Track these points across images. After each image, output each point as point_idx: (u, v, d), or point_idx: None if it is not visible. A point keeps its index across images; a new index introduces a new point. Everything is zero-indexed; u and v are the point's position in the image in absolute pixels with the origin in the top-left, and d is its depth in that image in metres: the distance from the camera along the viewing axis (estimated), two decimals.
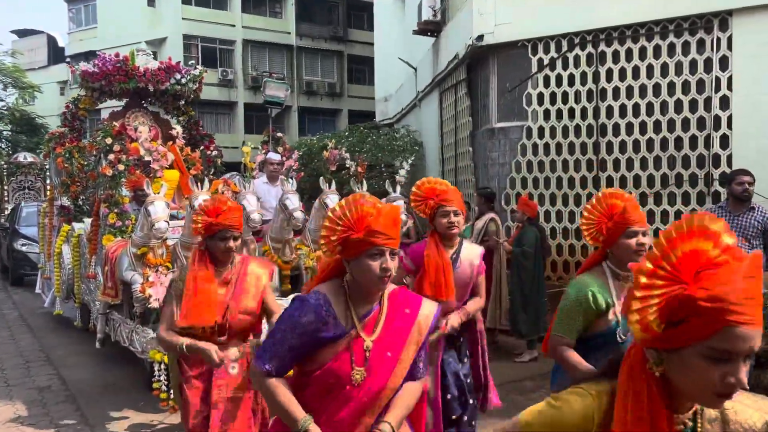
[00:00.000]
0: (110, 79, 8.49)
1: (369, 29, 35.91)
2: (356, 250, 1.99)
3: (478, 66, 10.06)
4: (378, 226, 1.97)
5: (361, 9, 36.07)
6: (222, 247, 3.02)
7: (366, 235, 1.96)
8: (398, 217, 2.04)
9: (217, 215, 3.00)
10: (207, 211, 3.02)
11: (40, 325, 9.18)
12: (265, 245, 5.78)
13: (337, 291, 2.09)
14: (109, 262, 5.54)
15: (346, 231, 1.99)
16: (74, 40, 36.91)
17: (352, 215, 2.00)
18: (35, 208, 14.38)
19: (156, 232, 4.93)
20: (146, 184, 5.15)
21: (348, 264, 2.07)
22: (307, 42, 34.54)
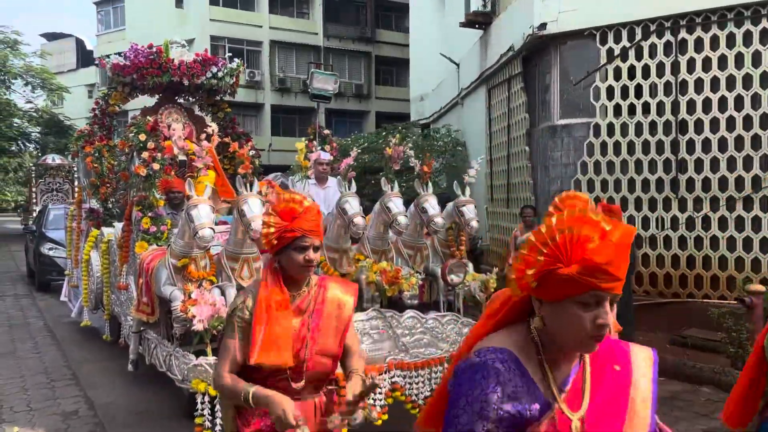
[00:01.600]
0: (143, 72, 7.87)
1: (397, 30, 35.52)
2: (562, 291, 1.33)
3: (536, 58, 9.27)
4: (602, 258, 1.27)
5: (389, 9, 35.67)
6: (300, 261, 2.25)
7: (582, 271, 1.28)
8: (627, 246, 1.31)
9: (292, 218, 2.24)
10: (280, 213, 2.27)
11: (66, 336, 8.57)
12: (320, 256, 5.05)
13: (524, 346, 1.42)
14: (145, 275, 4.86)
15: (553, 262, 1.31)
16: (103, 42, 37.11)
17: (565, 240, 1.30)
18: (62, 210, 13.93)
19: (200, 240, 4.23)
20: (188, 185, 4.45)
21: (541, 306, 1.38)
22: (335, 43, 34.12)
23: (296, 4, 34.23)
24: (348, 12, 34.69)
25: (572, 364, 1.43)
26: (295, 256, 2.23)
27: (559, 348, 1.40)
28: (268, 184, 6.53)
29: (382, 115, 34.07)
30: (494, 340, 1.41)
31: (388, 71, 36.23)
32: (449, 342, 4.77)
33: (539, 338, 1.40)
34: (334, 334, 2.36)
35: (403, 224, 4.91)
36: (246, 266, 4.63)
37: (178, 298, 4.27)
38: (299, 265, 2.25)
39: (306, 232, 2.23)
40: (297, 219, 2.23)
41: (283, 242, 2.24)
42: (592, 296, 1.29)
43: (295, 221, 2.23)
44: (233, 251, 4.64)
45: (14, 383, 6.35)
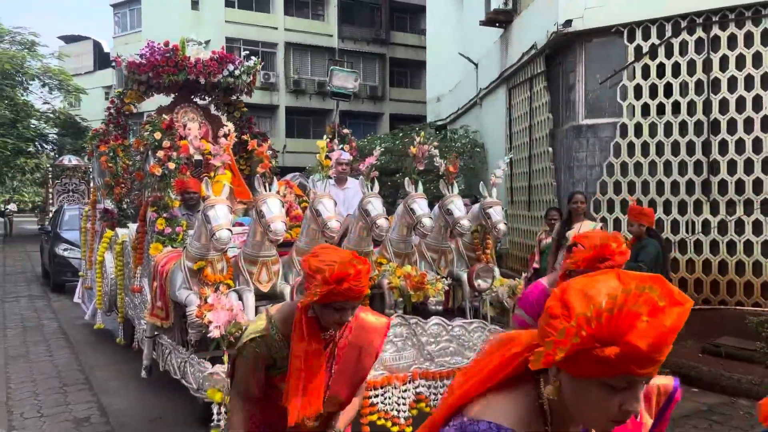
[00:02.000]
0: (158, 70, 7.72)
1: (412, 31, 35.44)
2: (592, 371, 1.09)
3: (559, 56, 9.02)
4: (648, 343, 1.03)
5: (403, 11, 35.66)
6: (336, 319, 2.08)
7: (621, 356, 1.04)
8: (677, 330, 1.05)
9: (341, 281, 2.01)
10: (330, 276, 2.02)
11: (79, 338, 8.43)
12: None
13: (529, 418, 1.17)
14: (159, 278, 4.68)
15: (591, 341, 1.05)
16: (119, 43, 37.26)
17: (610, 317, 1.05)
18: (77, 211, 13.88)
19: (217, 242, 4.04)
20: (205, 184, 4.27)
21: (559, 373, 1.15)
22: (349, 44, 34.10)
23: (311, 5, 34.26)
24: (362, 14, 34.67)
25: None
26: (332, 314, 2.06)
27: (570, 421, 1.17)
28: (286, 184, 6.36)
29: (396, 117, 34.02)
30: (493, 409, 1.16)
31: (403, 73, 36.21)
32: (476, 350, 4.54)
33: (549, 411, 1.16)
34: (349, 383, 2.22)
35: (427, 226, 4.70)
36: (264, 269, 4.44)
37: (194, 302, 4.09)
38: (333, 321, 2.09)
39: (349, 297, 2.03)
40: (346, 283, 2.00)
41: (325, 300, 2.04)
42: (624, 380, 1.08)
43: (343, 285, 2.00)
44: (251, 254, 4.45)
45: (25, 388, 6.21)
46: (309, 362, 2.06)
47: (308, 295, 2.05)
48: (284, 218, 4.21)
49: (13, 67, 23.53)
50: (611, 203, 7.97)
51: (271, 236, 4.13)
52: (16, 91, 24.56)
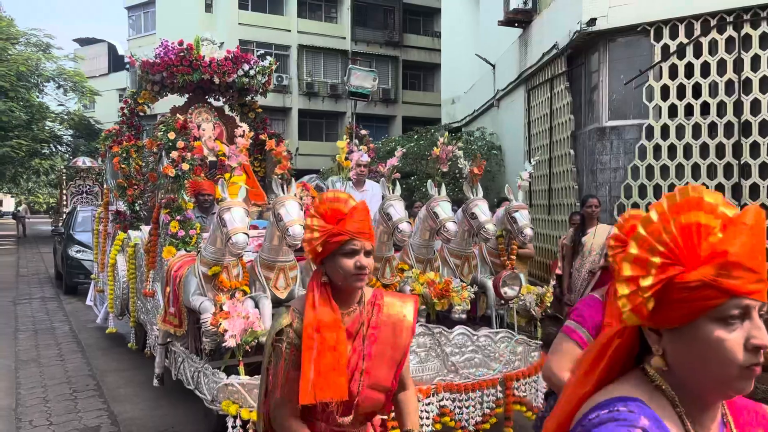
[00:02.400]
0: (172, 69, 7.59)
1: (425, 34, 35.34)
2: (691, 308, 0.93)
3: (582, 56, 8.78)
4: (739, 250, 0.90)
5: (416, 13, 35.58)
6: (350, 268, 1.87)
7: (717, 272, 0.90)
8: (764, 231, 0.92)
9: (338, 220, 1.88)
10: (323, 215, 1.89)
11: (91, 343, 8.29)
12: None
13: (651, 397, 0.99)
14: (172, 283, 4.50)
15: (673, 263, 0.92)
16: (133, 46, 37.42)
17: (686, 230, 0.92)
18: (90, 212, 13.80)
19: (233, 246, 3.85)
20: (221, 186, 4.08)
21: (660, 339, 0.99)
22: (362, 47, 34.06)
23: (324, 8, 34.25)
24: (376, 16, 34.61)
25: (716, 421, 1.00)
26: (344, 262, 1.86)
27: (695, 396, 0.97)
28: (303, 186, 6.17)
29: (408, 120, 33.90)
30: (616, 389, 0.99)
31: (416, 76, 36.14)
32: (502, 362, 4.33)
33: (672, 390, 0.97)
34: (390, 365, 1.96)
35: (452, 231, 4.49)
36: (282, 275, 4.25)
37: (209, 309, 3.90)
38: (349, 273, 1.86)
39: (355, 235, 1.86)
40: (343, 221, 1.87)
41: (330, 248, 1.87)
42: (734, 306, 0.90)
43: (341, 223, 1.87)
44: (268, 259, 4.26)
45: (35, 393, 6.06)
46: (323, 335, 1.83)
47: (311, 252, 1.90)
48: (303, 221, 4.01)
49: (28, 69, 23.60)
50: (636, 208, 7.71)
51: (289, 240, 3.94)
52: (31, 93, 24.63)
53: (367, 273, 1.93)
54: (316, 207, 1.94)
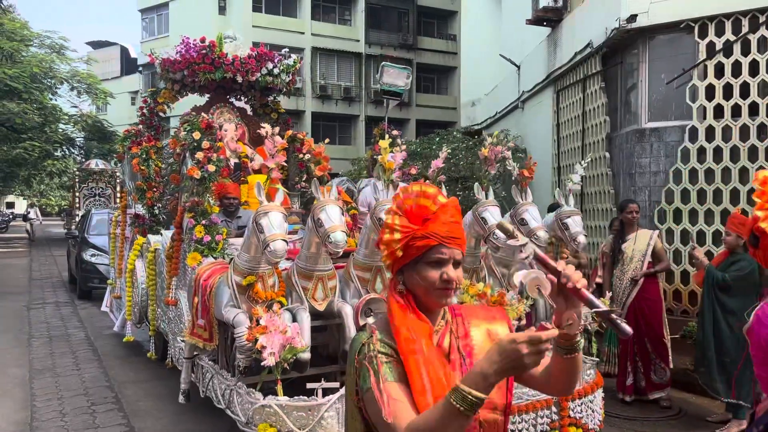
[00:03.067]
0: (194, 68, 7.30)
1: (439, 37, 35.13)
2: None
3: (618, 56, 8.42)
4: None
5: (431, 16, 35.47)
6: (436, 280, 1.54)
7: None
8: None
9: (424, 220, 1.55)
10: (407, 212, 1.57)
11: (107, 351, 8.00)
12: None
13: None
14: (201, 293, 4.18)
15: None
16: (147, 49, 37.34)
17: None
18: (106, 215, 13.57)
19: (271, 254, 3.52)
20: (258, 189, 3.75)
21: None
22: (376, 50, 33.92)
23: (338, 11, 34.15)
24: (390, 19, 34.48)
25: None
26: (428, 273, 1.53)
27: None
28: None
29: (422, 123, 33.69)
30: None
31: (430, 79, 36.02)
32: None
33: None
34: None
35: (502, 238, 4.15)
36: (320, 285, 3.92)
37: (243, 323, 3.58)
38: (434, 286, 1.53)
39: (444, 240, 1.53)
40: (431, 221, 1.54)
41: (412, 254, 1.54)
42: None
43: (428, 224, 1.54)
44: (305, 267, 3.94)
45: (51, 406, 5.76)
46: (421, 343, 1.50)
47: (390, 256, 1.57)
48: (345, 228, 3.70)
49: (41, 71, 23.48)
50: (678, 213, 7.34)
51: (331, 248, 3.61)
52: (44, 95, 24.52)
53: (454, 288, 1.60)
54: (401, 202, 1.60)
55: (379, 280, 4.05)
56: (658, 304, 5.43)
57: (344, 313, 3.87)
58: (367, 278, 4.06)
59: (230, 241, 5.38)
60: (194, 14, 31.90)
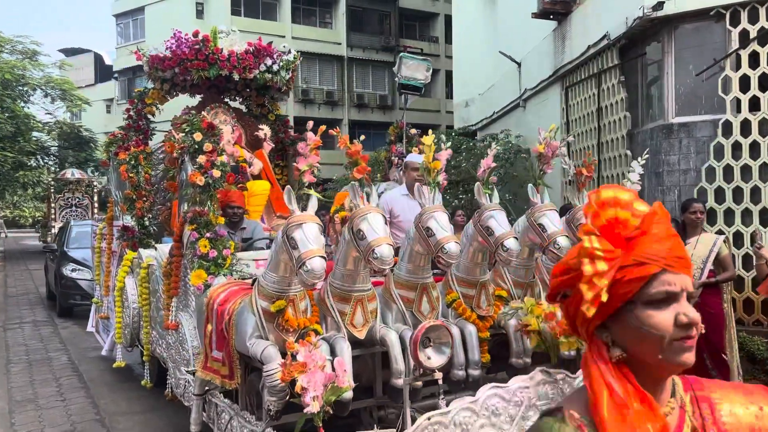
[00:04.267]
0: (186, 65, 6.66)
1: (421, 39, 34.82)
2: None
3: (637, 47, 7.94)
4: None
5: (412, 18, 35.18)
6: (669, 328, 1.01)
7: None
8: None
9: (628, 239, 1.03)
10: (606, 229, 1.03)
11: (95, 377, 7.28)
12: (450, 290, 3.70)
13: None
14: (216, 319, 3.54)
15: None
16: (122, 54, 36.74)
17: None
18: (88, 227, 12.78)
19: (308, 275, 2.89)
20: (288, 195, 3.12)
21: None
22: (358, 53, 33.52)
23: (319, 13, 33.68)
24: (371, 21, 34.11)
25: None
26: (656, 318, 1.00)
27: None
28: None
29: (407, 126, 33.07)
30: None
31: None
32: None
33: None
34: None
35: (564, 247, 3.59)
36: (359, 309, 3.31)
37: (274, 358, 2.96)
38: (668, 337, 1.00)
39: (669, 264, 1.00)
40: (638, 240, 1.02)
41: (625, 292, 1.01)
42: None
43: (635, 244, 1.02)
44: (342, 288, 3.32)
45: None
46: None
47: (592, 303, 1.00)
48: (392, 240, 3.10)
49: (14, 77, 22.49)
50: (712, 213, 6.85)
51: (375, 264, 3.01)
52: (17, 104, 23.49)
53: (695, 336, 1.03)
54: (593, 216, 1.04)
55: (425, 300, 3.46)
56: (719, 318, 4.89)
57: (389, 341, 3.26)
58: (411, 298, 3.47)
59: (237, 256, 4.76)
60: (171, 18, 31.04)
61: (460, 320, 3.56)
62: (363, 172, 3.13)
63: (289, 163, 7.94)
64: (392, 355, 3.21)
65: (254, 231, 6.05)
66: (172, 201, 7.14)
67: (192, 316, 4.86)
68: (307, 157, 3.09)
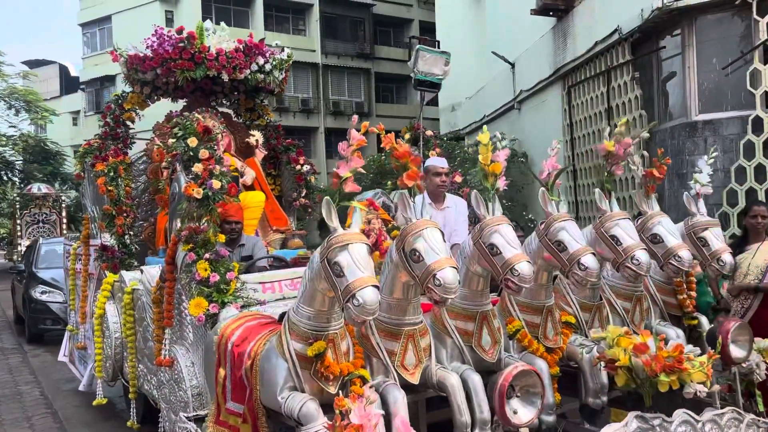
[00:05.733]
0: (169, 65, 5.96)
1: (396, 45, 34.51)
2: None
3: (651, 42, 7.50)
4: None
5: (387, 24, 34.91)
6: None
7: None
8: None
9: None
10: None
11: (71, 415, 6.49)
12: (511, 318, 3.10)
13: None
14: (232, 363, 2.87)
15: None
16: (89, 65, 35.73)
17: None
18: (58, 245, 11.92)
19: (359, 310, 2.22)
20: (327, 207, 2.48)
21: None
22: (333, 60, 33.04)
23: (292, 20, 33.16)
24: (346, 28, 33.69)
25: None
26: None
27: None
28: (370, 205, 4.62)
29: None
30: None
31: (388, 88, 35.40)
32: None
33: None
34: None
35: (644, 263, 3.01)
36: (411, 346, 2.69)
37: (316, 417, 2.33)
38: None
39: None
40: None
41: None
42: None
43: None
44: (389, 321, 2.69)
45: None
46: None
47: None
48: (455, 262, 2.49)
49: None
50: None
51: (437, 293, 2.40)
52: None
53: None
54: None
55: (485, 332, 2.85)
56: None
57: (449, 387, 2.63)
58: (470, 330, 2.85)
59: (241, 279, 4.10)
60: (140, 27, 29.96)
61: (527, 354, 2.97)
62: (415, 178, 2.52)
63: (282, 173, 7.29)
64: (455, 404, 2.60)
65: (254, 248, 5.40)
66: (155, 216, 6.46)
67: (189, 350, 4.19)
68: (350, 160, 2.47)
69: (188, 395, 4.03)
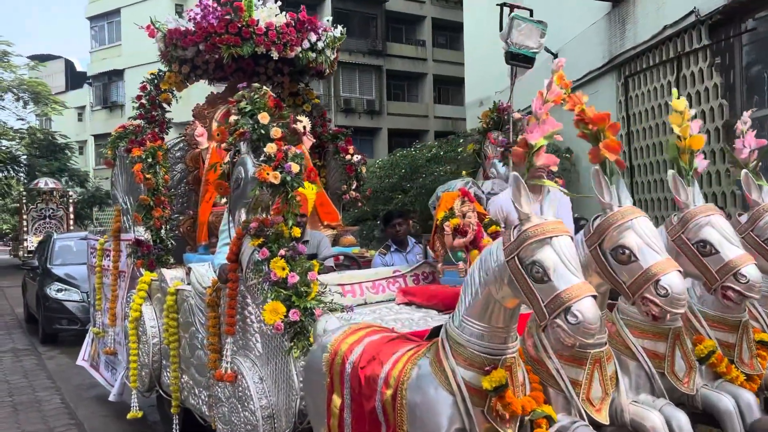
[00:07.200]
0: (213, 39, 5.32)
1: (408, 42, 33.89)
2: None
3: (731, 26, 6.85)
4: None
5: (399, 21, 34.33)
6: None
7: None
8: None
9: None
10: None
11: (97, 426, 5.86)
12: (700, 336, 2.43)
13: None
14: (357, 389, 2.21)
15: None
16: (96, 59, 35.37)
17: None
18: (72, 240, 11.35)
19: (576, 331, 1.59)
20: (517, 189, 1.82)
21: None
22: (344, 56, 32.36)
23: None
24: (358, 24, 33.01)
25: None
26: None
27: None
28: (463, 196, 3.98)
29: (394, 133, 32.31)
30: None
31: (400, 86, 34.86)
32: None
33: None
34: None
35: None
36: (597, 375, 2.04)
37: None
38: None
39: None
40: None
41: None
42: None
43: None
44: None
45: None
46: None
47: None
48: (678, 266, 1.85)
49: None
50: None
51: (660, 306, 1.76)
52: None
53: None
54: None
55: (678, 354, 2.20)
56: None
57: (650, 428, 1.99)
58: (661, 353, 2.20)
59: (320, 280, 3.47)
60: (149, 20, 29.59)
61: (726, 384, 2.32)
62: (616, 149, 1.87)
63: (329, 163, 6.66)
64: None
65: (320, 245, 4.78)
66: (193, 209, 5.83)
67: (256, 363, 3.56)
68: (543, 122, 1.81)
69: (257, 417, 3.40)
